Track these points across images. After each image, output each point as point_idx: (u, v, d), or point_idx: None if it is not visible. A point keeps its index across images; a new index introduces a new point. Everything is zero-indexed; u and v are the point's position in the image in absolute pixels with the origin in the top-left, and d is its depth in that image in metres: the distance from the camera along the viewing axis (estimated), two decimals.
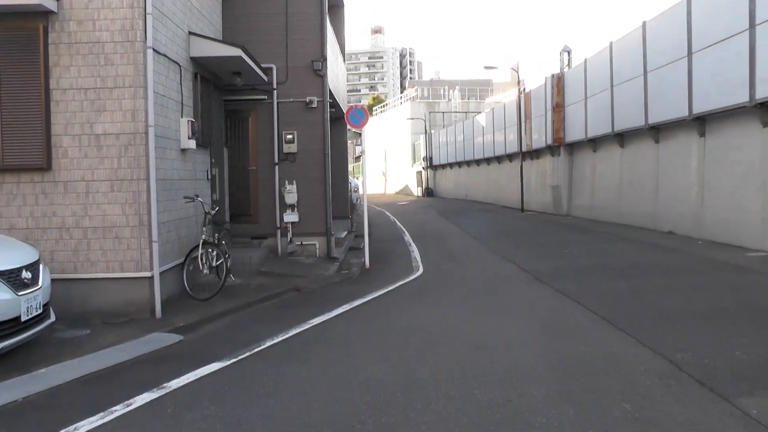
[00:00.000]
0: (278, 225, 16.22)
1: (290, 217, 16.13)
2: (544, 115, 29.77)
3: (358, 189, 42.47)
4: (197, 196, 11.88)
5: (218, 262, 12.06)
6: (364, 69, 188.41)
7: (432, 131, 59.65)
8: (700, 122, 16.96)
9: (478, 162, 44.33)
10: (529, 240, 19.34)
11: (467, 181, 48.05)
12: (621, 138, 22.27)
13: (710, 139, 16.80)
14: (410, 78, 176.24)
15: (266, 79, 15.51)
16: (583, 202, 26.18)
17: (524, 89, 33.57)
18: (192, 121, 11.93)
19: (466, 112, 61.81)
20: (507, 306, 10.15)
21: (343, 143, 23.83)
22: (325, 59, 16.23)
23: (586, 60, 25.16)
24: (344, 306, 10.45)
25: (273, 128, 16.16)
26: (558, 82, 28.01)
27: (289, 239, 16.21)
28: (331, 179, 23.09)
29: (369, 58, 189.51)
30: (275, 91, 16.15)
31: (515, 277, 12.76)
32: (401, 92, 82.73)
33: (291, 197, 16.06)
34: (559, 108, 28.02)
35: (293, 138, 16.16)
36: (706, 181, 16.85)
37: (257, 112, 16.37)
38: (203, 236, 11.63)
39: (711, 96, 16.00)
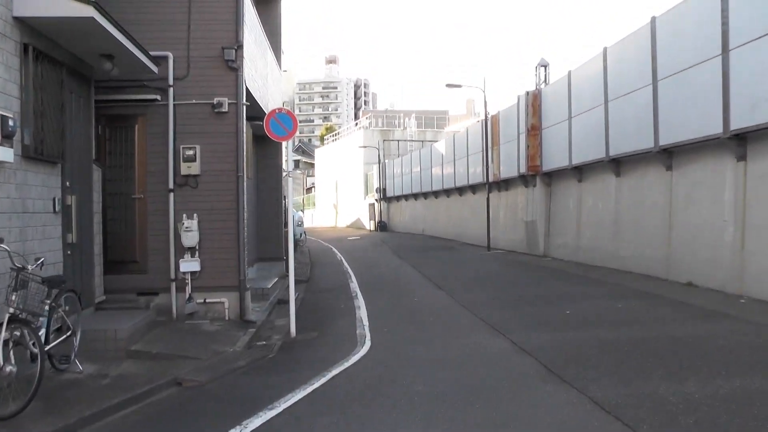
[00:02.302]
0: (173, 276, 11.74)
1: (188, 264, 11.67)
2: (515, 140, 25.71)
3: (302, 223, 38.08)
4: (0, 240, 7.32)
5: (51, 346, 7.65)
6: (318, 99, 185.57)
7: (386, 160, 55.53)
8: (739, 141, 12.86)
9: (436, 194, 40.22)
10: (509, 291, 15.03)
11: (425, 215, 43.86)
12: (617, 164, 18.20)
13: (755, 162, 12.69)
14: (365, 108, 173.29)
15: (157, 71, 11.14)
16: (566, 240, 22.03)
17: (488, 114, 29.55)
18: (4, 116, 7.45)
19: (422, 141, 57.84)
20: None
21: (277, 167, 19.43)
22: (241, 47, 11.88)
23: (570, 72, 21.15)
24: (236, 428, 6.09)
25: (168, 140, 11.76)
26: (534, 101, 23.97)
27: (187, 296, 11.73)
28: (261, 212, 18.86)
29: (323, 87, 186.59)
30: (171, 90, 11.77)
31: (515, 366, 8.26)
32: (356, 123, 78.74)
33: (190, 237, 11.63)
34: (534, 131, 23.97)
35: (194, 154, 11.76)
36: (749, 219, 12.71)
37: (147, 118, 11.95)
38: (11, 309, 7.05)
39: (761, 104, 11.94)
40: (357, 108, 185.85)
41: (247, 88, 12.49)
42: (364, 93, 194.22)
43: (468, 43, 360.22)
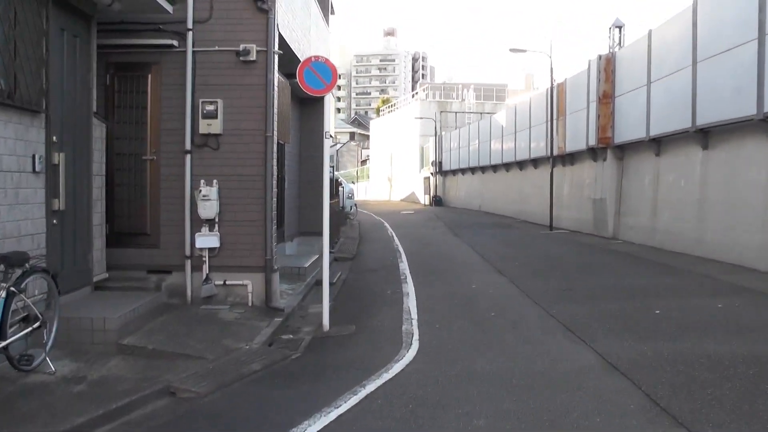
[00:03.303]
0: (188, 252, 9.99)
1: (206, 239, 9.91)
2: (585, 109, 23.41)
3: (353, 195, 36.31)
4: None
5: (8, 342, 6.03)
6: (375, 72, 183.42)
7: (443, 133, 53.32)
8: None
9: (495, 168, 37.98)
10: (580, 280, 12.97)
11: (482, 190, 41.68)
12: (704, 136, 15.91)
13: None
14: (422, 81, 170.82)
15: (171, 11, 9.33)
16: (639, 222, 19.80)
17: (553, 81, 27.24)
18: None
19: (481, 113, 55.41)
20: None
21: (319, 131, 17.53)
22: None
23: (651, 32, 18.78)
24: None
25: (185, 93, 9.96)
26: (607, 65, 21.64)
27: (204, 276, 9.98)
28: (304, 181, 17.07)
29: (380, 60, 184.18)
30: (191, 34, 9.94)
31: (608, 394, 6.13)
32: (413, 94, 76.44)
33: (208, 208, 9.85)
34: (606, 99, 21.67)
35: (216, 110, 9.94)
36: None
37: (162, 67, 10.18)
38: None
39: None
40: (414, 81, 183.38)
41: (281, 36, 10.63)
42: (422, 66, 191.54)
43: (532, 11, 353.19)
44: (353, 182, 67.56)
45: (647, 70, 18.76)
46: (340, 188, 28.54)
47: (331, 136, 10.49)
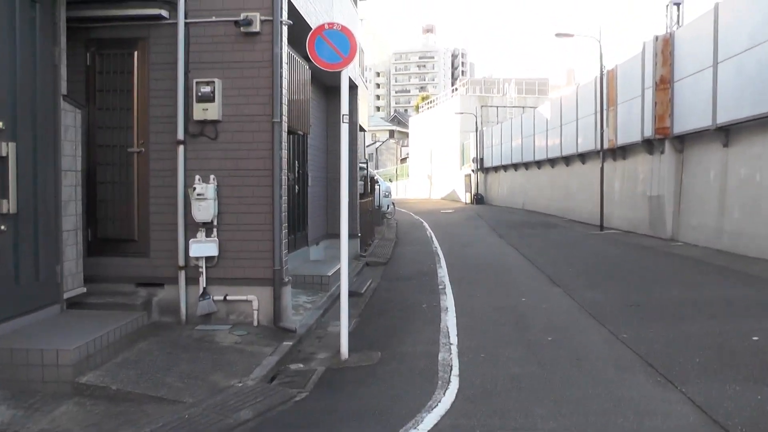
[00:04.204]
0: (182, 262, 8.37)
1: (201, 247, 8.28)
2: (639, 96, 21.41)
3: (390, 193, 34.63)
4: None
5: None
6: (414, 69, 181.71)
7: (483, 128, 51.32)
8: None
9: (539, 164, 35.97)
10: (646, 292, 11.10)
11: (525, 187, 39.65)
12: None
13: None
14: (461, 78, 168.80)
15: None
16: (703, 222, 17.78)
17: (603, 68, 25.20)
18: None
19: (523, 107, 53.27)
20: None
21: (353, 125, 15.93)
22: None
23: (717, 5, 16.76)
24: None
25: (177, 74, 8.34)
26: (664, 47, 19.63)
27: (201, 290, 8.36)
28: (332, 179, 15.44)
29: (419, 57, 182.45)
30: (182, 3, 8.31)
31: None
32: (453, 89, 74.51)
33: (204, 209, 8.22)
34: (664, 84, 19.66)
35: (213, 92, 8.31)
36: None
37: (150, 42, 8.57)
38: None
39: None
40: (454, 78, 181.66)
41: (291, 4, 8.96)
42: (462, 63, 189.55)
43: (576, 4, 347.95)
44: (390, 180, 65.87)
45: (713, 48, 16.72)
46: (376, 186, 26.92)
47: (352, 122, 8.78)
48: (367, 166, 24.86)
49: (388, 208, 31.89)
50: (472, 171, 52.17)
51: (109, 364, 6.51)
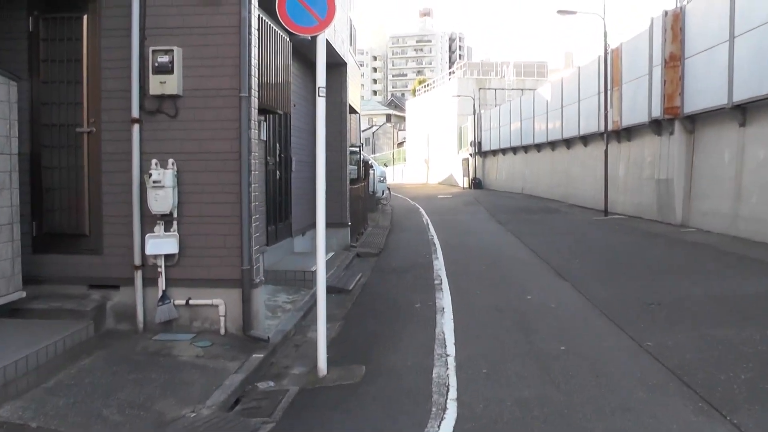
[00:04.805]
0: (138, 261, 7.25)
1: (159, 243, 7.17)
2: (647, 75, 20.25)
3: (385, 178, 33.50)
4: None
5: None
6: (411, 53, 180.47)
7: (482, 111, 50.07)
8: None
9: (539, 147, 34.80)
10: (665, 287, 9.96)
11: (524, 171, 38.48)
12: None
13: None
14: (459, 62, 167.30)
15: None
16: (716, 206, 16.67)
17: (607, 46, 24.01)
18: None
19: (522, 89, 51.97)
20: None
21: (340, 104, 14.79)
22: None
23: None
24: None
25: (130, 41, 7.19)
26: (674, 22, 18.44)
27: (160, 294, 7.24)
28: (315, 164, 14.31)
29: (416, 41, 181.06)
30: None
31: None
32: (450, 72, 73.20)
33: (161, 198, 7.08)
34: (674, 62, 18.49)
35: (171, 62, 7.16)
36: None
37: (101, 6, 7.41)
38: None
39: None
40: (451, 62, 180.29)
41: None
42: (459, 47, 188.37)
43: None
44: (385, 165, 64.70)
45: (729, 21, 15.54)
46: (371, 171, 25.79)
47: (338, 100, 7.70)
48: (360, 150, 23.74)
49: (383, 193, 30.80)
50: (470, 155, 51.00)
51: (36, 390, 5.40)
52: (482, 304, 9.15)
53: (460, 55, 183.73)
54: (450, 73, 70.99)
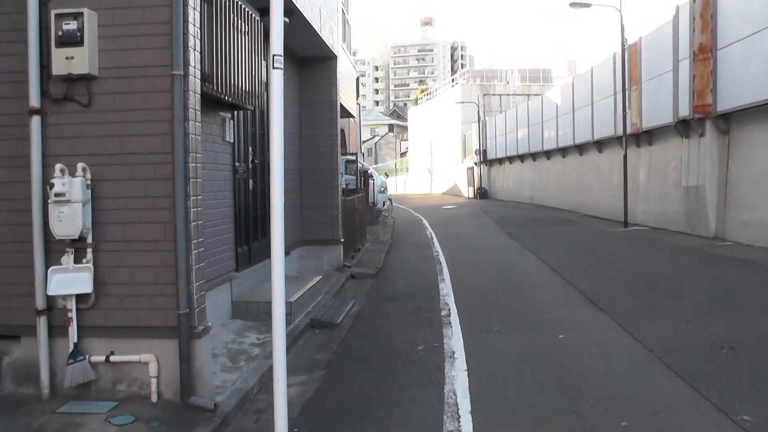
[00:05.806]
0: (41, 304, 5.32)
1: (66, 279, 5.26)
2: (671, 71, 18.35)
3: (386, 189, 31.59)
4: None
5: None
6: (413, 62, 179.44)
7: (486, 118, 48.21)
8: None
9: (548, 154, 32.90)
10: (740, 321, 7.99)
11: (533, 180, 36.52)
12: None
13: None
14: (461, 71, 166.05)
15: None
16: (758, 216, 14.69)
17: (625, 42, 22.10)
18: None
19: (527, 95, 50.10)
20: None
21: (330, 104, 12.88)
22: None
23: None
24: None
25: (26, 2, 5.28)
26: (704, 9, 16.51)
27: (71, 347, 5.30)
28: (308, 172, 12.49)
29: (418, 50, 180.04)
30: None
31: None
32: (452, 79, 71.48)
33: (67, 218, 5.16)
34: (705, 54, 16.56)
35: (81, 30, 5.24)
36: None
37: None
38: None
39: None
40: (453, 71, 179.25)
41: None
42: (461, 56, 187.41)
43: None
44: (386, 175, 62.80)
45: None
46: (370, 181, 23.91)
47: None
48: (357, 159, 21.86)
49: (384, 205, 28.92)
50: (475, 164, 49.16)
51: None
52: (503, 347, 7.15)
53: (462, 64, 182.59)
54: (452, 80, 69.19)
